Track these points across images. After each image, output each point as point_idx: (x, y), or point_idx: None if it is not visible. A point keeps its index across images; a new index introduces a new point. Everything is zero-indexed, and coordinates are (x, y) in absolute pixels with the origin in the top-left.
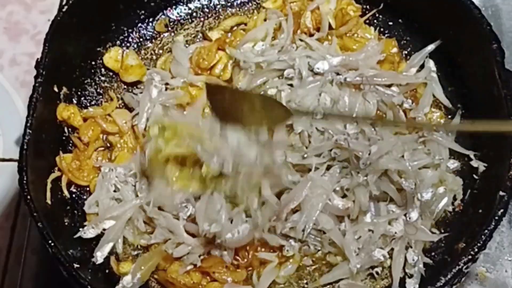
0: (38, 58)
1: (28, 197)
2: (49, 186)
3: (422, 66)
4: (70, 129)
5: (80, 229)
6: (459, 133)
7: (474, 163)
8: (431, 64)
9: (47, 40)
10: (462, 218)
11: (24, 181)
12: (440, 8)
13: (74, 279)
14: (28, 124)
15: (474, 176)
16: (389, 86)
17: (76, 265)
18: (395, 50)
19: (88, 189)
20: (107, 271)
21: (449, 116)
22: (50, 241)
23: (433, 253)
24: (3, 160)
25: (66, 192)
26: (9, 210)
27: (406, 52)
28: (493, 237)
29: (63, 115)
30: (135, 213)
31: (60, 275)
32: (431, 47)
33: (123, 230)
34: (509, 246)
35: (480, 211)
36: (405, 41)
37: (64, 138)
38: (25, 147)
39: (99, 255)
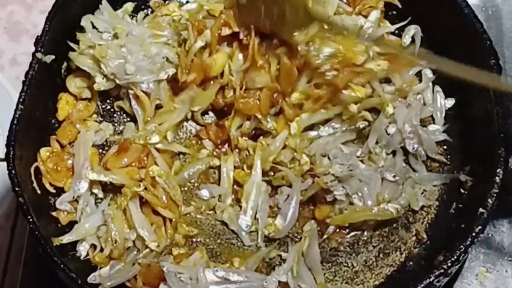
0: (38, 36)
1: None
2: (33, 175)
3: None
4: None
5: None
6: (449, 145)
7: (462, 177)
8: (427, 72)
9: (49, 17)
10: (444, 231)
11: (11, 156)
12: (445, 20)
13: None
14: (21, 100)
15: (461, 190)
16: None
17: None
18: None
19: None
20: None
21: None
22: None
23: (410, 263)
24: (3, 160)
25: (49, 187)
26: (9, 210)
27: None
28: (493, 237)
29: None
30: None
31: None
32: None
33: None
34: (509, 246)
35: (463, 226)
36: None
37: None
38: (15, 122)
39: (82, 249)
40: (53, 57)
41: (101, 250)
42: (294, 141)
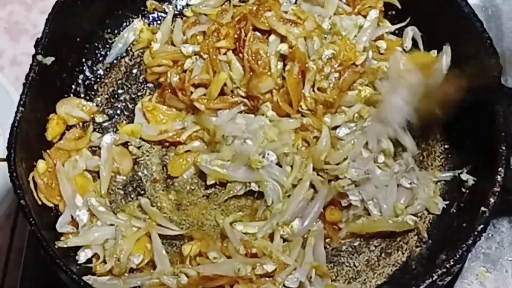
0: (38, 38)
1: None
2: (31, 184)
3: None
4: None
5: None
6: (450, 144)
7: (464, 176)
8: None
9: (49, 20)
10: (446, 230)
11: (12, 158)
12: (445, 19)
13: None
14: (22, 102)
15: (463, 189)
16: None
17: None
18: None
19: None
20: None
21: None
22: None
23: (412, 262)
24: (3, 160)
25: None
26: (9, 210)
27: None
28: (493, 237)
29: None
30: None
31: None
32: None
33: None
34: (509, 246)
35: (464, 225)
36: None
37: None
38: (16, 124)
39: (83, 255)
40: (53, 59)
41: (104, 261)
42: None
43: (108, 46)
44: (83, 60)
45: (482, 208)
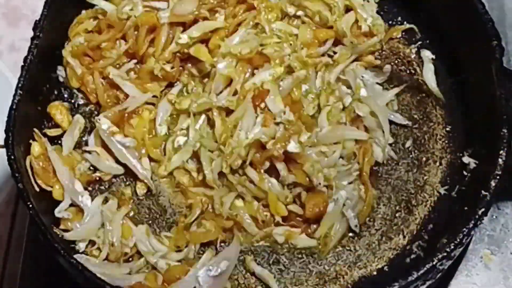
0: (36, 20)
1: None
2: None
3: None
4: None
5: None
6: (452, 127)
7: (466, 159)
8: (427, 53)
9: (47, 2)
10: (447, 214)
11: (10, 141)
12: (447, 1)
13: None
14: (20, 85)
15: (464, 172)
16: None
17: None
18: None
19: None
20: None
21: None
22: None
23: (413, 246)
24: (3, 146)
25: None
26: (9, 197)
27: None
28: (498, 219)
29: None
30: None
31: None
32: None
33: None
34: None
35: (465, 208)
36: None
37: None
38: (14, 107)
39: (82, 244)
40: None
41: (99, 249)
42: None
43: None
44: None
45: (483, 192)
